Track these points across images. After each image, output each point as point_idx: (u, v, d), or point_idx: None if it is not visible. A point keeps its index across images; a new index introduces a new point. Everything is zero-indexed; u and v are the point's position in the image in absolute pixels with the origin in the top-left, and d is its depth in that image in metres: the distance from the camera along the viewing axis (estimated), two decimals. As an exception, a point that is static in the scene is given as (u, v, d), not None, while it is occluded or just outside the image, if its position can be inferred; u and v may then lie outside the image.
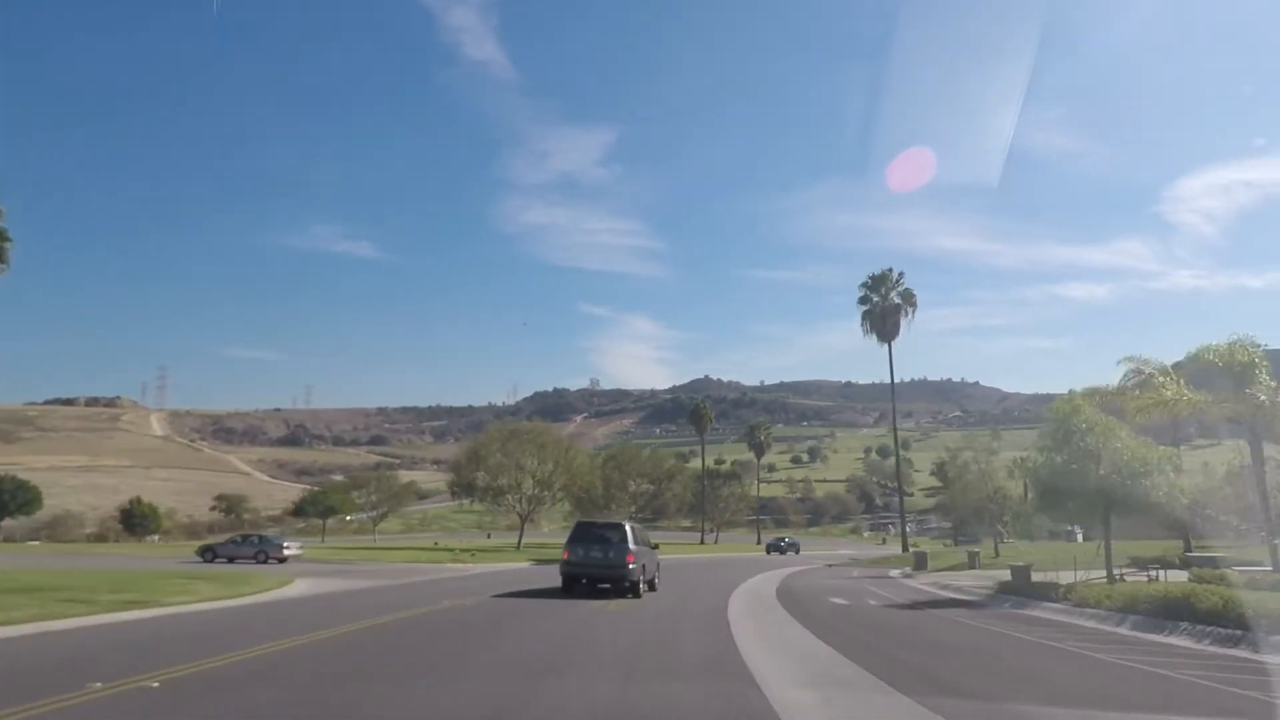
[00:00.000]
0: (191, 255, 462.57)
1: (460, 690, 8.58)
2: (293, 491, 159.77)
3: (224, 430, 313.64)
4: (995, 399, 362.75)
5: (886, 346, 59.62)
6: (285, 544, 39.05)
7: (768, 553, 66.21)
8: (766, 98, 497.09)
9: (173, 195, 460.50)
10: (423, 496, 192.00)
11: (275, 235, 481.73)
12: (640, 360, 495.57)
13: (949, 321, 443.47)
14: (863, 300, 60.14)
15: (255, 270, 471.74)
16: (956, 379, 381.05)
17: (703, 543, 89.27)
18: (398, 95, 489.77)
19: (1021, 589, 22.32)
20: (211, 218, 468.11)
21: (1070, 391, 24.06)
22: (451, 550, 47.72)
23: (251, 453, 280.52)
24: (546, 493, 57.54)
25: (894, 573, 41.45)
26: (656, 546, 26.10)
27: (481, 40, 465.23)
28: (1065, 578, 23.92)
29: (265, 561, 37.43)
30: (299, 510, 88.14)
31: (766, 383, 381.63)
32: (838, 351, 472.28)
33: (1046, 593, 20.51)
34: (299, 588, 23.72)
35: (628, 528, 21.70)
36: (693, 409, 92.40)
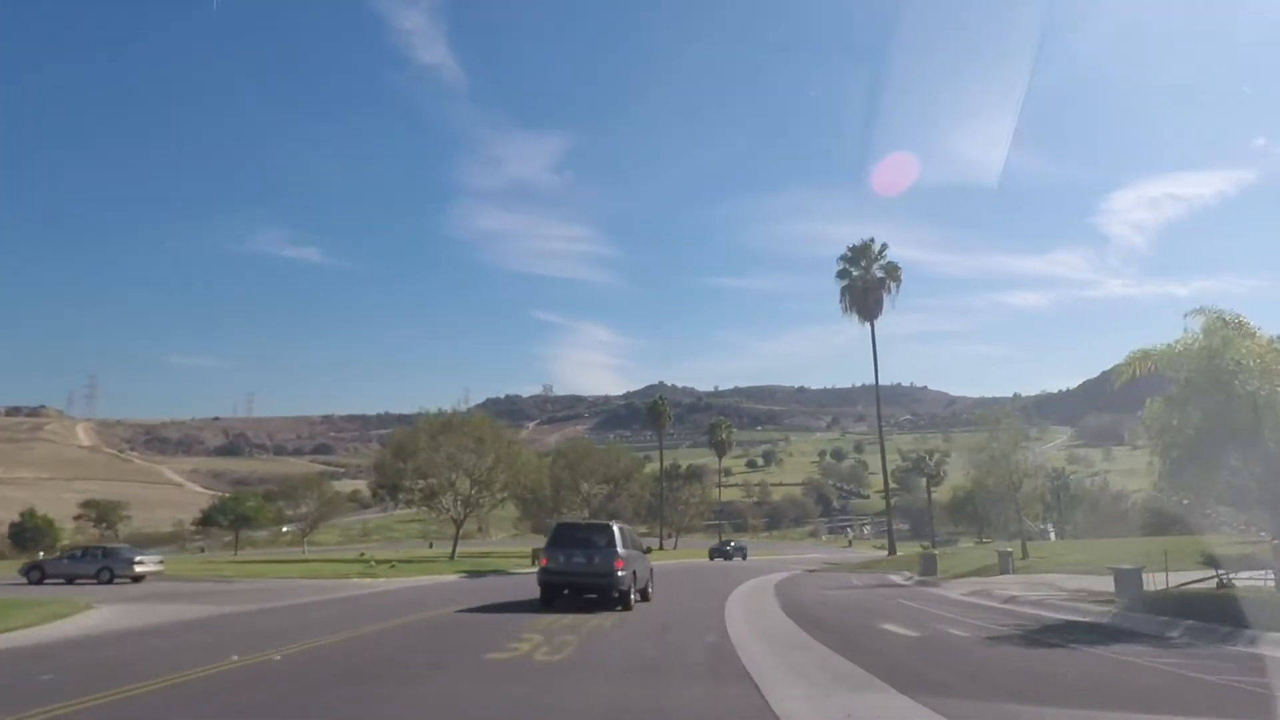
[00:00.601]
0: (127, 259, 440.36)
1: None
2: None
3: (157, 440, 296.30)
4: (944, 403, 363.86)
5: (869, 326, 52.99)
6: (139, 558, 30.31)
7: (711, 558, 58.61)
8: (719, 106, 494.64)
9: (108, 198, 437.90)
10: (366, 506, 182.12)
11: (219, 239, 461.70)
12: (594, 367, 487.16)
13: (898, 328, 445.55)
14: (841, 275, 53.41)
15: (196, 275, 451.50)
16: (906, 383, 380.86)
17: (661, 548, 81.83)
18: (348, 98, 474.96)
19: (1161, 606, 15.07)
20: (151, 221, 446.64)
21: (1216, 317, 16.27)
22: (368, 562, 39.38)
23: (186, 463, 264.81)
24: (486, 494, 49.34)
25: (898, 579, 34.48)
26: (649, 550, 23.37)
27: (432, 44, 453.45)
28: (1157, 581, 17.46)
29: (110, 581, 28.77)
30: (206, 520, 77.84)
31: (721, 388, 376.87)
32: (792, 358, 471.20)
33: (1233, 613, 13.02)
34: (91, 620, 16.04)
35: (615, 529, 18.75)
36: (650, 405, 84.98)
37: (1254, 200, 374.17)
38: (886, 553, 59.64)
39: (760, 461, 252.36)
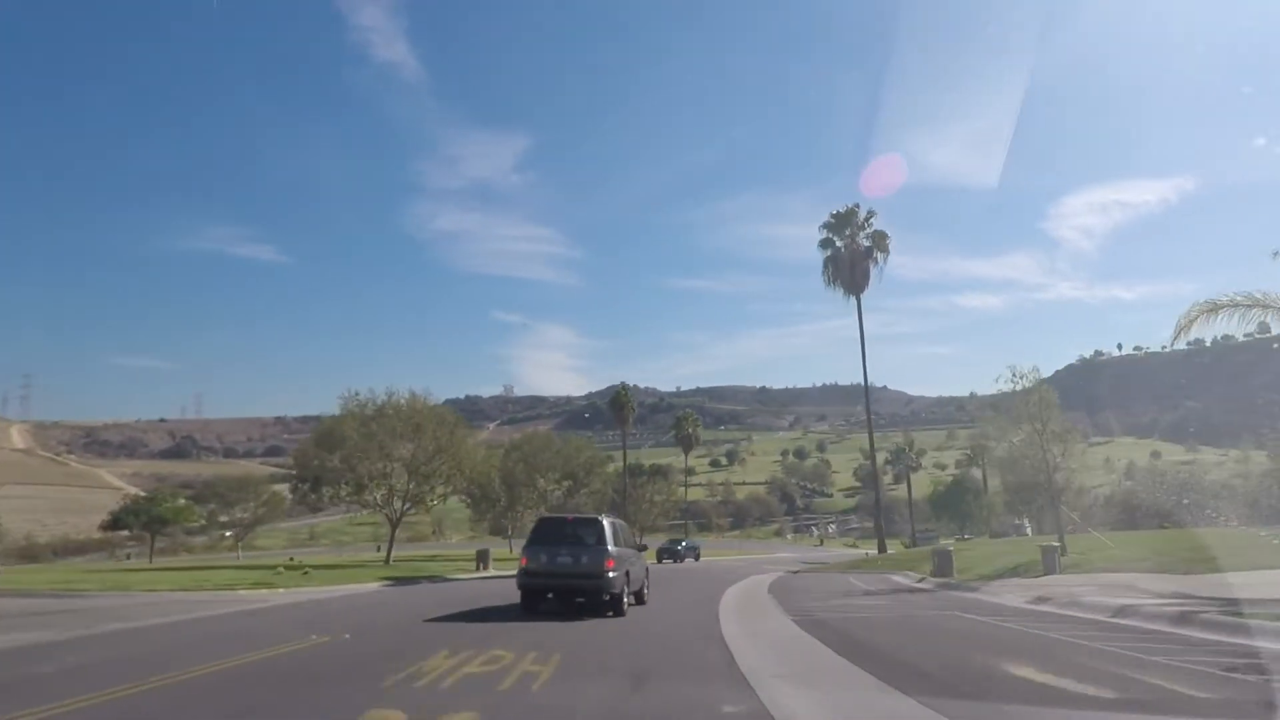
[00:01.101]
0: (68, 257, 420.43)
1: None
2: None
3: (98, 443, 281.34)
4: (903, 402, 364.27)
5: (854, 300, 47.48)
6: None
7: (659, 559, 52.89)
8: (682, 109, 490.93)
9: (46, 192, 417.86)
10: (316, 509, 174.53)
11: (169, 237, 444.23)
12: (556, 368, 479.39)
13: (855, 330, 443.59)
14: (823, 245, 47.92)
15: (143, 273, 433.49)
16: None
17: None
18: (304, 94, 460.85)
19: None
20: (95, 217, 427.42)
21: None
22: (275, 569, 32.70)
23: (128, 466, 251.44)
24: (426, 488, 42.73)
25: (907, 580, 28.91)
26: (644, 549, 21.35)
27: (391, 41, 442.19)
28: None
29: (-91, 598, 21.84)
30: (115, 523, 69.49)
31: (683, 388, 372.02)
32: (752, 358, 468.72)
33: None
34: None
35: (606, 524, 16.68)
36: (613, 398, 78.78)
37: (1195, 207, 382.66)
38: (876, 550, 54.28)
39: (724, 461, 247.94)
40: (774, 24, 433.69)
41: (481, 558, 37.07)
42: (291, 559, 58.82)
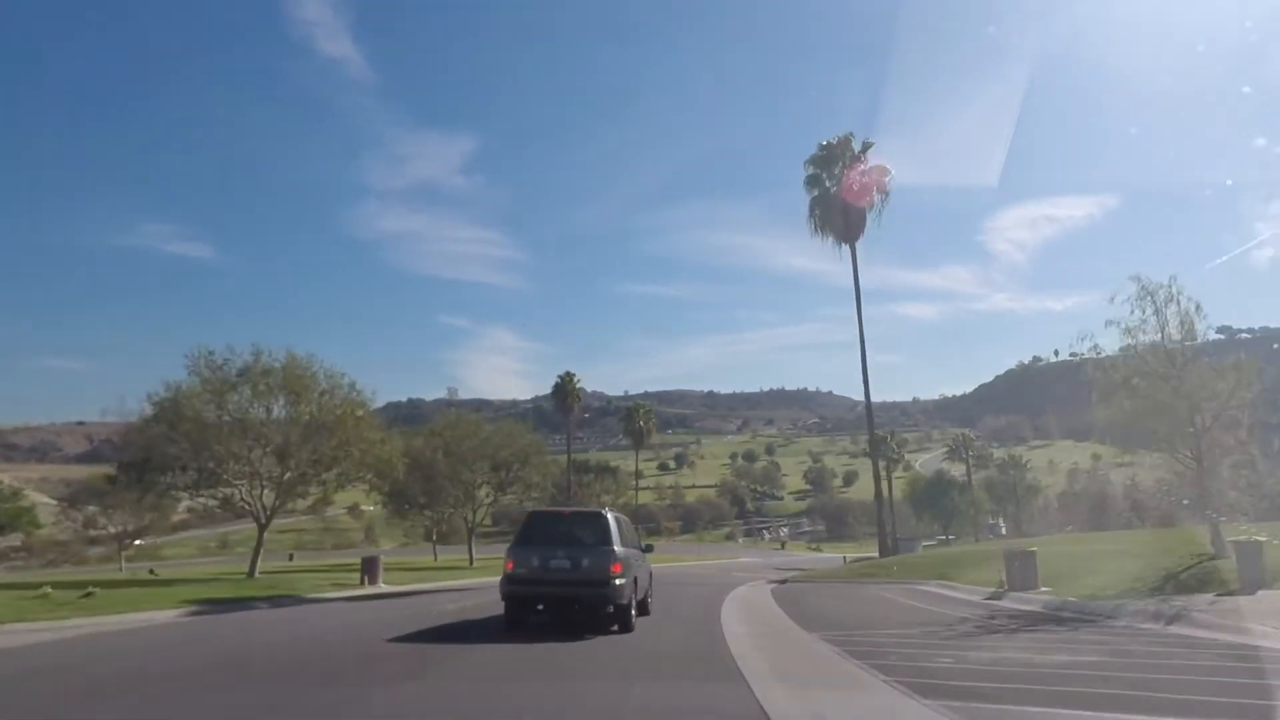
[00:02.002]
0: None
1: None
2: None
3: (4, 447, 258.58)
4: (848, 407, 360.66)
5: (848, 249, 38.37)
6: None
7: None
8: (632, 114, 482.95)
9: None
10: (239, 516, 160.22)
11: (96, 232, 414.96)
12: (502, 372, 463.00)
13: (799, 337, 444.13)
14: (810, 183, 38.62)
15: (67, 270, 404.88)
16: (812, 388, 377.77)
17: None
18: (244, 87, 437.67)
19: None
20: (13, 209, 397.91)
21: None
22: (40, 588, 21.68)
23: (36, 471, 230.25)
24: (311, 475, 32.01)
25: (973, 596, 19.64)
26: (650, 548, 17.14)
27: (336, 36, 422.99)
28: None
29: None
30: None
31: (630, 392, 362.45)
32: (700, 363, 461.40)
33: None
34: None
35: (610, 519, 13.29)
36: (556, 386, 68.60)
37: (1117, 222, 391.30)
38: (879, 554, 45.12)
39: (672, 464, 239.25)
40: (717, 29, 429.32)
41: (368, 569, 26.60)
42: (151, 570, 47.34)
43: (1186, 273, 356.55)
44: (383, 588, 25.74)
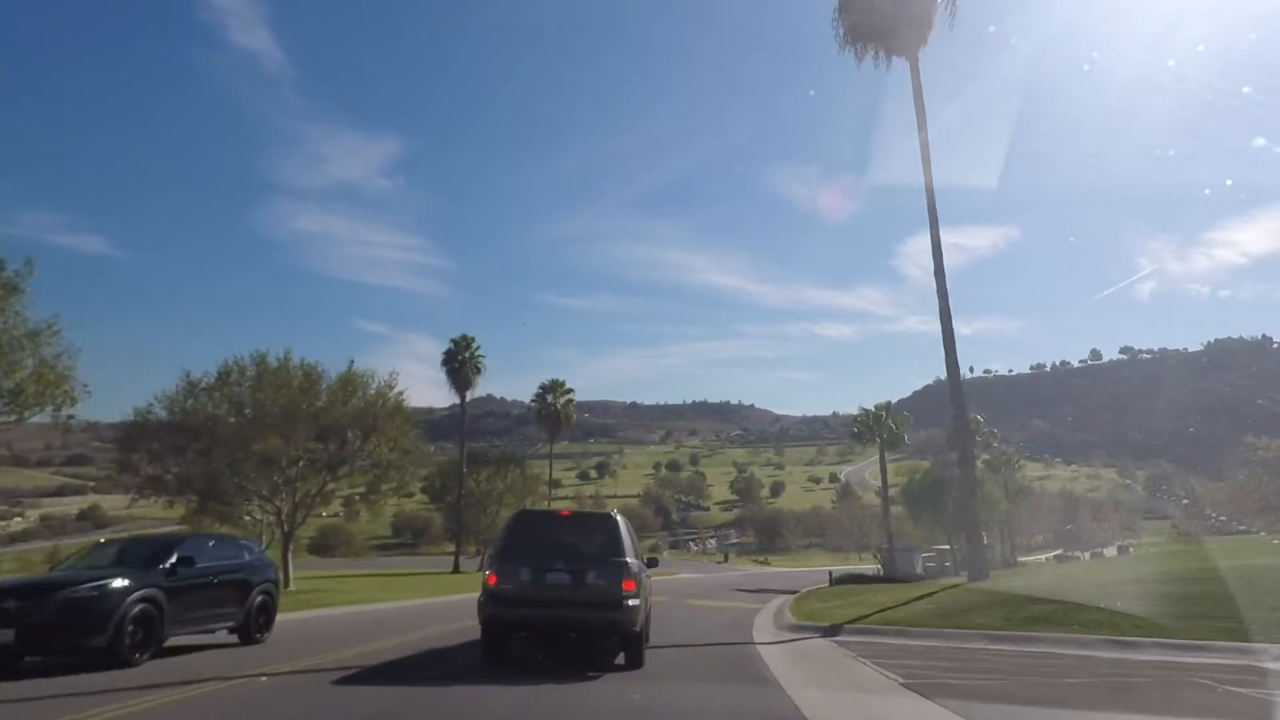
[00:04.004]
0: None
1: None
2: None
3: None
4: (770, 420, 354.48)
5: (904, 64, 23.41)
6: None
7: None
8: (557, 122, 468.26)
9: None
10: (101, 525, 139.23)
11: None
12: (419, 380, 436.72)
13: (721, 352, 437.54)
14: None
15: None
16: (734, 401, 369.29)
17: (457, 569, 49.25)
18: (146, 74, 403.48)
19: None
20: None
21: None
22: None
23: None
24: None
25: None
26: (655, 562, 12.44)
27: (251, 27, 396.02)
28: None
29: None
30: None
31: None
32: (622, 375, 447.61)
33: None
34: None
35: (621, 524, 10.52)
36: (448, 353, 52.41)
37: (1018, 254, 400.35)
38: (880, 569, 30.72)
39: (594, 474, 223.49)
40: (638, 33, 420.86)
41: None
42: None
43: (1079, 301, 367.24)
44: None
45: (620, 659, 9.86)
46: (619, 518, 10.75)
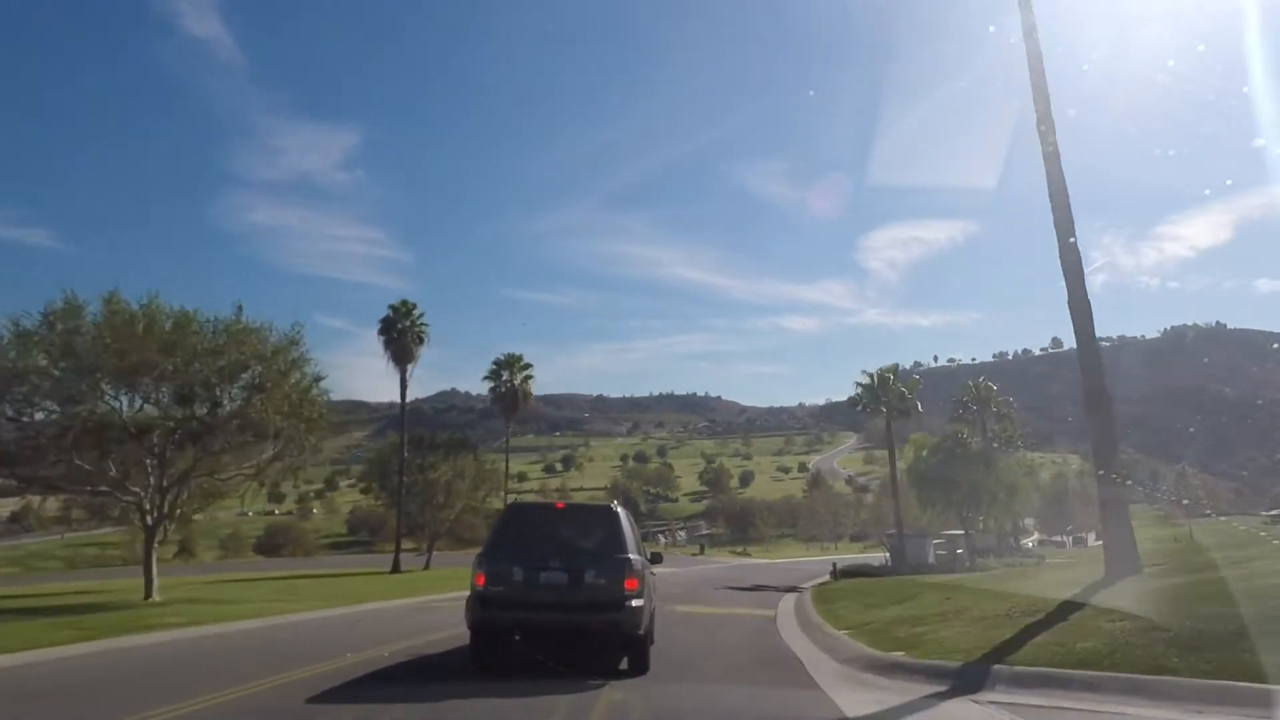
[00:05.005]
0: None
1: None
2: None
3: None
4: (736, 412, 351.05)
5: None
6: None
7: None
8: (521, 116, 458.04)
9: None
10: (28, 529, 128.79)
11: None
12: (382, 375, 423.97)
13: (689, 346, 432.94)
14: None
15: None
16: (701, 393, 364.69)
17: (397, 569, 42.11)
18: (96, 64, 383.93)
19: None
20: None
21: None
22: None
23: None
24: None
25: None
26: (659, 558, 12.14)
27: (204, 15, 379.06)
28: None
29: None
30: None
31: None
32: (589, 370, 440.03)
33: None
34: None
35: (623, 517, 9.57)
36: (386, 319, 45.16)
37: (977, 247, 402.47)
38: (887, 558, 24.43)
39: (560, 466, 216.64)
40: (605, 23, 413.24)
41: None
42: None
43: (1038, 292, 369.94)
44: None
45: (624, 664, 8.98)
46: (620, 510, 9.83)
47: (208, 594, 25.20)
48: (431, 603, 21.66)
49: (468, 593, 8.97)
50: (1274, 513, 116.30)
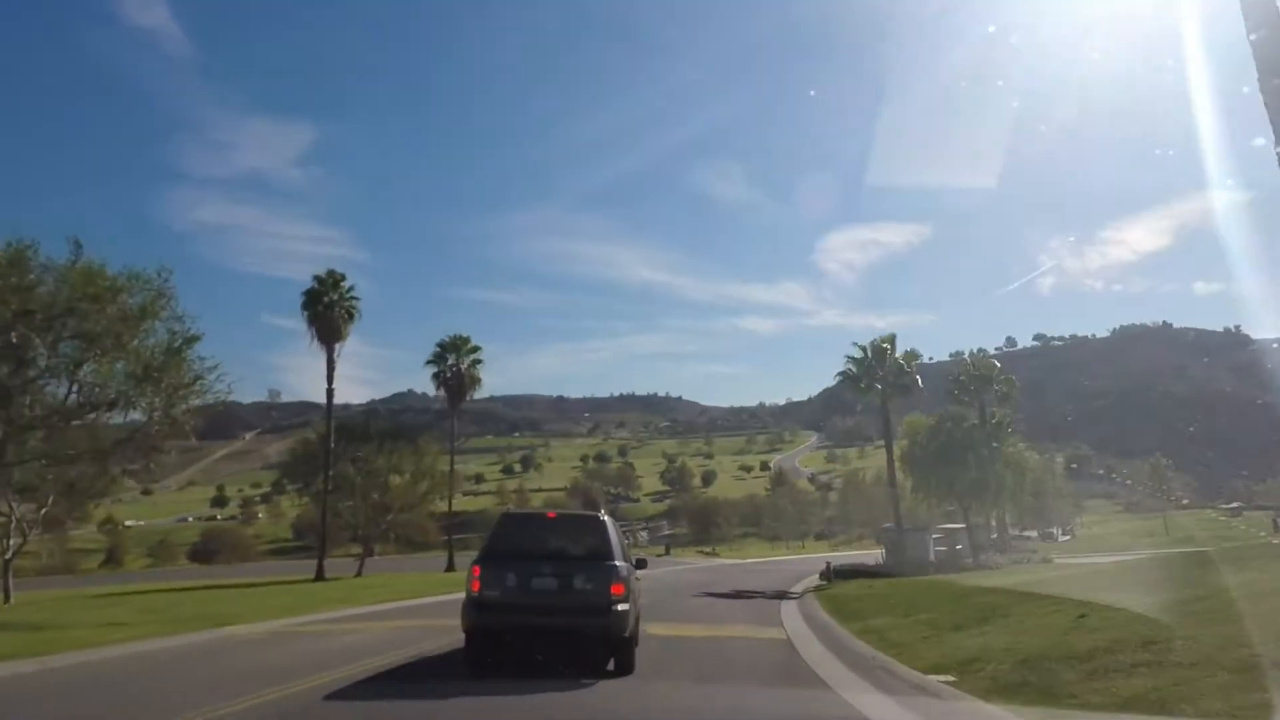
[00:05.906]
0: None
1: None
2: None
3: None
4: (697, 411, 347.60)
5: None
6: None
7: None
8: (482, 114, 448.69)
9: None
10: None
11: None
12: (342, 379, 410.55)
13: (648, 346, 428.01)
14: None
15: None
16: (662, 394, 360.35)
17: (321, 577, 36.21)
18: (29, 52, 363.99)
19: None
20: None
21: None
22: None
23: None
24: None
25: None
26: (643, 563, 12.53)
27: (149, 4, 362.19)
28: None
29: None
30: None
31: (476, 396, 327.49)
32: (548, 371, 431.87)
33: None
34: None
35: (609, 525, 10.20)
36: (310, 292, 39.35)
37: (931, 249, 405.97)
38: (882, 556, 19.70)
39: (518, 467, 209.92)
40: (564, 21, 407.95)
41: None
42: None
43: (990, 293, 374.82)
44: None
45: (611, 665, 9.54)
46: (607, 519, 10.53)
47: (54, 614, 19.46)
48: (309, 624, 16.34)
49: (373, 607, 8.40)
50: (1233, 505, 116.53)
